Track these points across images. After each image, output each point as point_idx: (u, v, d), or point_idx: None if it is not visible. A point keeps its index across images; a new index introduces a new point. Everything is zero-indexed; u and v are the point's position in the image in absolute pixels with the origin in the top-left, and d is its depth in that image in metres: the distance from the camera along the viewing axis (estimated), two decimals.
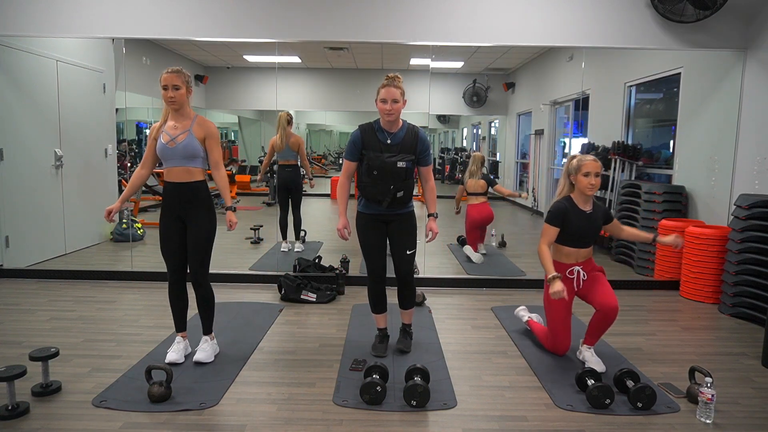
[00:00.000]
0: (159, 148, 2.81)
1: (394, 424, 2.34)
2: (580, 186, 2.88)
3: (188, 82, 2.81)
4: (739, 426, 2.38)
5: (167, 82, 2.74)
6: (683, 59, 4.92)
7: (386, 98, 2.82)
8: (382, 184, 2.87)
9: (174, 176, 2.83)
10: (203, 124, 2.85)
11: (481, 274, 4.99)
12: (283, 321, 3.69)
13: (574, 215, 2.91)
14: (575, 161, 2.90)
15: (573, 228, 2.91)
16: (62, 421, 2.31)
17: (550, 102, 7.59)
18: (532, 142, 8.35)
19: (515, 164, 9.39)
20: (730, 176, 4.39)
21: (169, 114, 2.85)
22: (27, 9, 4.23)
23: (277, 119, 5.44)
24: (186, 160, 2.81)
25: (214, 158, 2.87)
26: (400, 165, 2.85)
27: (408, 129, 2.95)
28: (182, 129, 2.81)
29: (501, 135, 10.12)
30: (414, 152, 2.92)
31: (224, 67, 8.13)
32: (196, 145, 2.80)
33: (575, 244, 2.95)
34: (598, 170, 2.86)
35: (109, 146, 6.11)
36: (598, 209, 2.99)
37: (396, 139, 2.91)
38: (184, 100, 2.80)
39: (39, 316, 3.68)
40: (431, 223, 3.00)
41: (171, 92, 2.74)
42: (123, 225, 6.06)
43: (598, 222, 2.98)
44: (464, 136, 11.87)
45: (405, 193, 2.93)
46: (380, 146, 2.89)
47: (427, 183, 3.06)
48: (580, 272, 2.97)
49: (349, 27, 4.33)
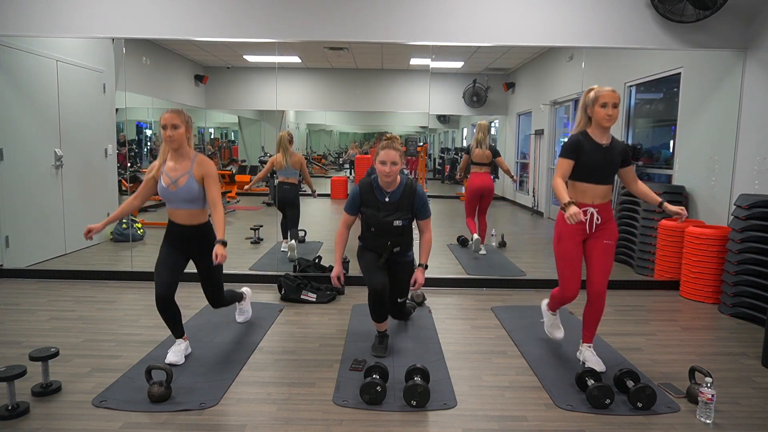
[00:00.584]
0: (160, 190, 2.85)
1: (394, 424, 2.34)
2: (597, 117, 2.72)
3: (188, 122, 2.84)
4: (739, 426, 2.38)
5: (166, 122, 2.76)
6: (683, 59, 4.92)
7: (386, 160, 2.91)
8: (380, 240, 3.05)
9: (178, 218, 2.89)
10: (202, 163, 2.86)
11: (481, 274, 4.99)
12: (283, 321, 3.69)
13: (589, 147, 2.75)
14: (592, 93, 2.75)
15: (587, 160, 2.74)
16: (62, 421, 2.31)
17: (550, 102, 7.58)
18: (532, 142, 8.35)
19: (515, 164, 9.38)
20: (730, 176, 4.39)
21: (168, 153, 2.86)
22: (27, 9, 4.23)
23: (279, 139, 5.41)
24: (188, 203, 2.85)
25: (211, 197, 2.85)
26: (396, 224, 3.01)
27: (405, 186, 3.05)
28: (182, 171, 2.83)
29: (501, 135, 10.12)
30: (411, 209, 3.04)
31: (224, 67, 8.13)
32: (196, 188, 2.83)
33: (590, 179, 2.77)
34: (616, 101, 2.70)
35: (109, 146, 6.11)
36: (616, 144, 2.80)
37: (393, 197, 3.02)
38: (183, 139, 2.82)
39: (39, 316, 3.68)
40: (418, 273, 3.06)
41: (170, 131, 2.76)
42: (123, 225, 6.06)
43: (615, 157, 2.78)
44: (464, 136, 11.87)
45: (402, 247, 3.10)
46: (378, 204, 3.02)
47: (424, 234, 3.15)
48: (594, 214, 2.79)
49: (349, 27, 4.33)
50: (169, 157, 2.86)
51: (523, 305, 4.08)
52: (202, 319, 3.63)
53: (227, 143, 10.93)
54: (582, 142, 2.76)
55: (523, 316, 3.76)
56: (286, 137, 5.39)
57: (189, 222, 2.88)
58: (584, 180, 2.79)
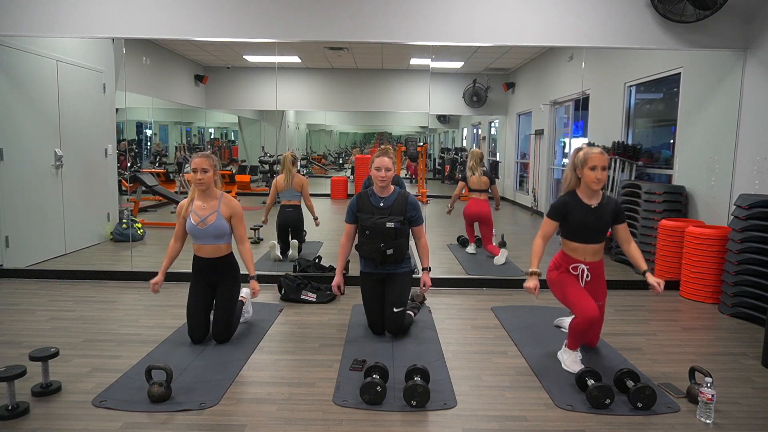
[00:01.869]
0: (189, 227, 3.10)
1: (394, 424, 2.34)
2: (586, 180, 2.77)
3: (215, 166, 3.11)
4: (739, 426, 2.38)
5: (197, 166, 3.03)
6: (683, 59, 4.92)
7: (380, 167, 3.24)
8: (374, 243, 3.25)
9: (205, 253, 3.15)
10: (229, 203, 3.15)
11: (481, 274, 4.99)
12: (283, 321, 3.69)
13: (577, 208, 2.82)
14: (582, 154, 2.79)
15: (576, 222, 2.83)
16: (62, 421, 2.31)
17: (550, 102, 7.59)
18: (532, 142, 8.35)
19: (515, 164, 9.39)
20: (730, 176, 4.39)
21: (196, 193, 3.13)
22: (27, 9, 4.23)
23: (282, 160, 5.35)
24: (216, 239, 3.12)
25: (239, 234, 3.19)
26: (389, 225, 3.23)
27: (398, 194, 3.34)
28: (210, 210, 3.11)
29: (501, 135, 10.12)
30: (404, 214, 3.28)
31: (224, 67, 8.14)
32: (224, 226, 3.12)
33: (579, 239, 2.87)
34: (605, 164, 2.75)
35: (109, 146, 6.12)
36: (607, 204, 2.85)
37: (387, 202, 3.30)
38: (211, 182, 3.09)
39: (39, 316, 3.68)
40: (425, 277, 3.36)
41: (200, 175, 3.03)
42: (123, 225, 6.06)
43: (605, 217, 2.83)
44: (464, 136, 11.88)
45: (395, 251, 3.27)
46: (372, 209, 3.30)
47: (419, 240, 3.41)
48: (585, 271, 2.89)
49: (349, 27, 4.32)
50: (197, 196, 3.14)
51: (523, 305, 4.08)
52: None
53: (227, 143, 10.95)
54: (569, 203, 2.86)
55: (523, 316, 3.76)
56: (289, 158, 5.32)
57: (215, 255, 3.15)
58: (573, 239, 2.91)
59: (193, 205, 3.11)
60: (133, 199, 7.21)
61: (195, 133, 10.39)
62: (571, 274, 2.92)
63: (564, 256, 2.96)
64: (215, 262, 3.15)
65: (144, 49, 6.52)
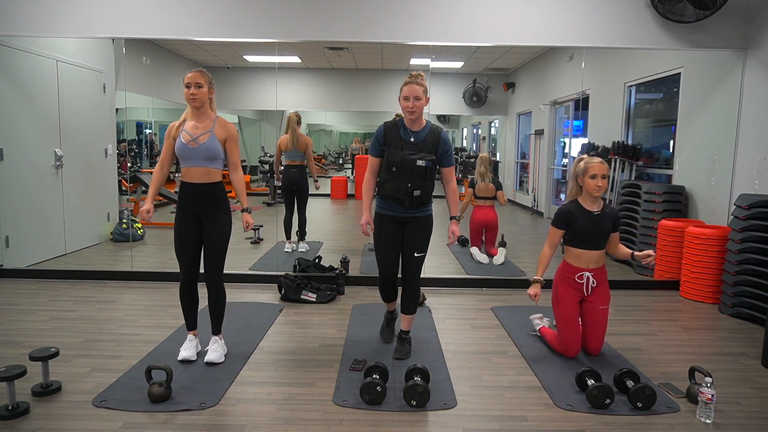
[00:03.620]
0: (179, 147, 2.81)
1: (394, 424, 2.34)
2: (588, 188, 2.94)
3: (211, 83, 2.85)
4: (739, 426, 2.38)
5: (190, 80, 2.77)
6: (683, 59, 4.92)
7: (408, 95, 2.82)
8: (401, 181, 2.87)
9: (193, 177, 2.84)
10: (225, 125, 2.88)
11: (481, 274, 4.99)
12: (283, 321, 3.69)
13: (581, 215, 2.96)
14: (582, 163, 2.96)
15: (580, 228, 2.96)
16: (62, 421, 2.31)
17: (550, 102, 7.59)
18: (532, 142, 8.35)
19: (515, 164, 9.39)
20: (730, 176, 4.39)
21: (189, 113, 2.87)
22: (27, 9, 4.23)
23: (287, 119, 5.36)
24: (207, 161, 2.83)
25: (233, 160, 2.91)
26: (419, 163, 2.85)
27: (431, 129, 2.94)
28: (204, 129, 2.82)
29: (501, 135, 10.12)
30: (435, 152, 2.91)
31: (224, 67, 8.13)
32: (217, 147, 2.83)
33: (582, 245, 2.98)
34: (605, 172, 2.91)
35: (109, 146, 6.12)
36: (608, 212, 3.01)
37: (418, 137, 2.91)
38: (206, 98, 2.83)
39: (39, 316, 3.68)
40: (453, 226, 3.03)
41: (194, 89, 2.77)
42: (123, 225, 6.06)
43: (606, 223, 2.99)
44: (464, 136, 11.87)
45: (422, 193, 2.91)
46: (402, 144, 2.90)
47: (449, 184, 3.05)
48: (590, 278, 2.99)
49: (349, 27, 4.32)
50: (190, 116, 2.86)
51: (523, 305, 4.08)
52: (201, 319, 3.62)
53: None
54: (573, 211, 2.99)
55: (523, 316, 3.76)
56: (294, 118, 5.33)
57: (203, 180, 2.84)
58: (577, 246, 3.01)
59: (184, 125, 2.84)
60: (133, 199, 7.21)
61: None
62: (576, 286, 3.00)
63: (568, 267, 3.04)
64: (203, 189, 2.84)
65: (144, 49, 6.51)
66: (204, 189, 2.84)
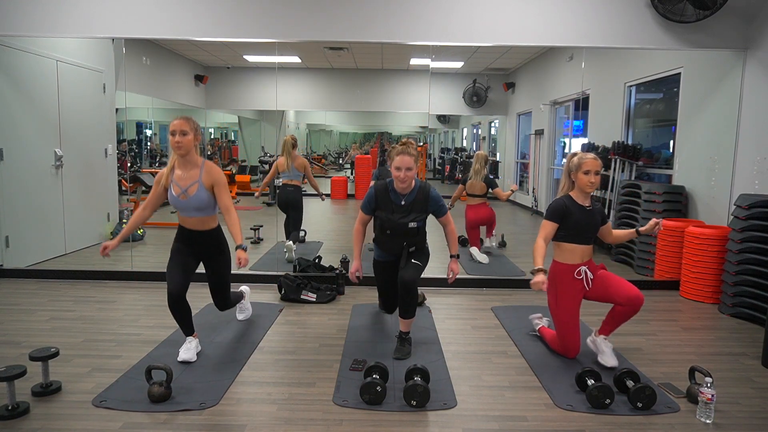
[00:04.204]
0: (171, 199, 2.88)
1: (394, 424, 2.34)
2: (580, 184, 2.93)
3: (196, 129, 2.85)
4: (739, 426, 2.38)
5: (175, 128, 2.78)
6: (683, 59, 4.92)
7: (401, 166, 2.98)
8: (396, 241, 3.12)
9: (189, 224, 2.94)
10: (210, 171, 2.89)
11: (481, 274, 4.99)
12: (283, 321, 3.69)
13: (575, 210, 2.95)
14: (576, 159, 2.95)
15: (574, 222, 2.94)
16: (62, 421, 2.31)
17: (550, 102, 7.58)
18: (532, 142, 8.35)
19: (515, 164, 9.38)
20: (730, 176, 4.39)
21: (176, 161, 2.88)
22: (27, 9, 4.23)
23: (282, 143, 5.46)
24: (199, 212, 2.90)
25: (224, 204, 2.91)
26: (411, 225, 3.07)
27: (419, 189, 3.10)
28: (191, 180, 2.86)
29: (501, 135, 10.11)
30: (425, 211, 3.11)
31: (224, 67, 8.13)
32: (206, 197, 2.88)
33: (577, 240, 2.96)
34: (598, 168, 2.90)
35: (109, 146, 6.11)
36: (597, 207, 3.04)
37: (408, 199, 3.10)
38: (191, 146, 2.83)
39: (39, 316, 3.68)
40: (453, 264, 3.19)
41: (179, 137, 2.78)
42: (123, 225, 6.06)
43: (597, 218, 3.01)
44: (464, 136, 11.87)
45: (416, 246, 3.16)
46: (392, 207, 3.09)
47: (447, 227, 3.23)
48: (587, 272, 2.98)
49: (349, 27, 4.32)
50: (177, 164, 2.87)
51: (523, 305, 4.08)
52: (201, 319, 3.63)
53: (227, 143, 10.93)
54: (567, 205, 2.97)
55: (523, 316, 3.76)
56: (290, 141, 5.42)
57: (200, 228, 2.94)
58: (571, 241, 2.97)
59: (173, 174, 2.86)
60: (133, 199, 7.21)
61: None
62: (576, 284, 2.96)
63: (562, 266, 3.00)
64: (201, 236, 2.95)
65: (144, 49, 6.52)
66: (200, 236, 2.96)
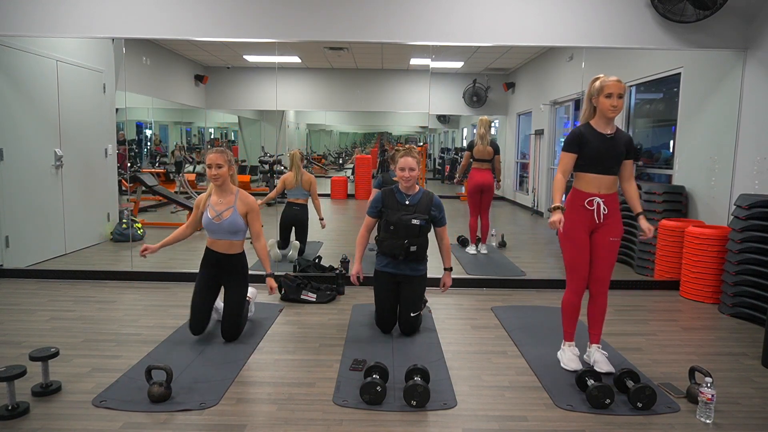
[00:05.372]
0: (206, 222, 3.18)
1: (394, 424, 2.34)
2: (602, 108, 2.71)
3: (230, 161, 3.18)
4: (739, 426, 2.38)
5: (212, 161, 3.09)
6: (683, 59, 4.92)
7: (404, 167, 3.28)
8: (398, 239, 3.27)
9: (218, 247, 3.21)
10: (245, 200, 3.21)
11: (481, 274, 4.99)
12: (283, 321, 3.69)
13: (592, 138, 2.74)
14: (598, 83, 2.72)
15: (592, 150, 2.74)
16: (62, 421, 2.31)
17: (550, 102, 7.59)
18: (532, 142, 8.35)
19: (515, 164, 9.38)
20: (730, 176, 4.39)
21: (213, 189, 3.21)
22: (27, 9, 4.23)
23: (291, 157, 5.41)
24: (230, 235, 3.18)
25: (255, 230, 3.25)
26: (414, 222, 3.26)
27: (424, 194, 3.38)
28: (226, 205, 3.17)
29: (501, 135, 10.12)
30: (428, 213, 3.31)
31: (224, 67, 8.13)
32: (240, 222, 3.17)
33: (595, 169, 2.76)
34: (621, 91, 2.68)
35: (109, 146, 6.12)
36: (621, 135, 2.79)
37: (413, 200, 3.34)
38: (227, 177, 3.16)
39: (39, 316, 3.68)
40: (445, 278, 3.46)
41: (215, 170, 3.10)
42: (123, 225, 6.06)
43: (620, 147, 2.77)
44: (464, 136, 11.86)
45: (418, 249, 3.30)
46: (398, 206, 3.33)
47: (442, 240, 3.44)
48: (601, 204, 2.77)
49: (349, 27, 4.32)
50: (214, 192, 3.21)
51: (523, 305, 4.08)
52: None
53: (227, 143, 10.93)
54: (584, 133, 2.77)
55: (523, 316, 3.76)
56: (299, 156, 5.39)
57: (228, 251, 3.21)
58: (589, 170, 2.78)
59: (210, 199, 3.19)
60: (133, 199, 7.21)
61: (195, 133, 10.40)
62: (586, 213, 2.79)
63: (578, 192, 2.83)
64: (227, 258, 3.22)
65: (144, 49, 6.52)
66: (227, 259, 3.22)
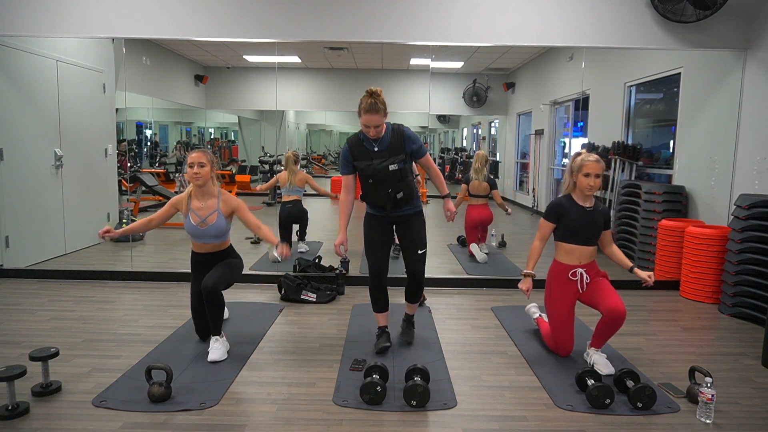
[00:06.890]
0: (189, 228, 3.05)
1: (394, 424, 2.34)
2: (580, 185, 2.91)
3: (212, 161, 3.04)
4: (739, 426, 2.38)
5: (193, 161, 2.96)
6: (683, 59, 4.92)
7: (369, 125, 2.85)
8: (380, 190, 2.96)
9: (204, 249, 3.13)
10: (228, 200, 3.09)
11: (481, 274, 4.99)
12: (283, 321, 3.69)
13: (573, 210, 2.93)
14: (579, 160, 2.92)
15: (572, 222, 2.92)
16: (62, 421, 2.31)
17: (550, 102, 7.58)
18: (532, 142, 8.34)
19: (515, 164, 9.38)
20: (730, 176, 4.39)
21: (193, 191, 3.05)
22: (27, 9, 4.23)
23: (285, 159, 5.52)
24: (215, 238, 3.10)
25: (253, 223, 3.10)
26: (392, 168, 2.91)
27: (393, 131, 2.96)
28: (210, 210, 3.05)
29: (501, 135, 10.11)
30: (404, 151, 2.95)
31: (224, 67, 8.12)
32: (225, 225, 3.07)
33: (575, 240, 2.95)
34: (598, 171, 2.88)
35: (109, 146, 6.11)
36: (600, 209, 2.99)
37: (383, 144, 2.94)
38: (209, 177, 3.01)
39: (39, 316, 3.68)
40: (448, 204, 3.12)
41: (197, 169, 2.96)
42: (123, 225, 6.06)
43: (599, 220, 2.97)
44: (464, 136, 11.86)
45: (405, 193, 2.97)
46: (369, 154, 2.95)
47: (430, 170, 3.12)
48: (584, 275, 2.95)
49: (349, 27, 4.32)
50: (194, 194, 3.06)
51: (523, 305, 4.07)
52: None
53: (227, 143, 10.93)
54: (565, 205, 2.96)
55: (523, 316, 3.76)
56: (292, 158, 5.49)
57: (214, 251, 3.14)
58: (569, 241, 2.97)
59: (191, 204, 3.04)
60: (133, 199, 7.21)
61: (195, 133, 10.40)
62: (570, 285, 2.96)
63: (560, 265, 3.01)
64: (213, 255, 3.14)
65: (144, 49, 6.51)
66: (214, 255, 3.14)
